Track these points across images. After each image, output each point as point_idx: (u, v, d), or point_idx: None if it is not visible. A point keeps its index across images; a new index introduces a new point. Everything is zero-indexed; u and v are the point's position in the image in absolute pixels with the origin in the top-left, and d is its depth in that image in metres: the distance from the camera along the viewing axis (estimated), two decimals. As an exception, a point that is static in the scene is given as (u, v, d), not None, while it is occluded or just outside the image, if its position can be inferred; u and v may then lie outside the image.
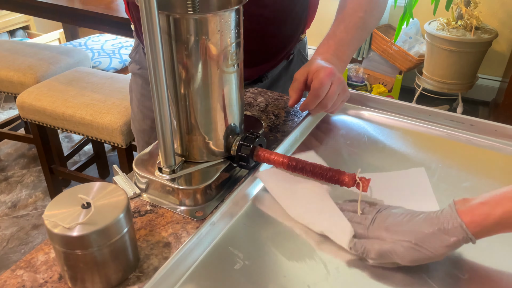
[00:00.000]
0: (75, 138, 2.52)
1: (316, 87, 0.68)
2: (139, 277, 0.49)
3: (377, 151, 0.71)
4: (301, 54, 1.00)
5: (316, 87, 0.68)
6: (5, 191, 2.13)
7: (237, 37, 0.56)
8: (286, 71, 0.98)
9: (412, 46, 2.72)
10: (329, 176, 0.58)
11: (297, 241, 0.54)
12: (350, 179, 0.56)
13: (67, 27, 2.80)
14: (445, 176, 0.65)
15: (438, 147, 0.73)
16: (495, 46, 2.65)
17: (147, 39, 0.49)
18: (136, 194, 0.61)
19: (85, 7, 1.78)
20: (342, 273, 0.50)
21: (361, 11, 0.78)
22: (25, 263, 0.51)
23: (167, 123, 0.55)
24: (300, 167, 0.59)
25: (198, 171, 0.61)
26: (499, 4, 2.60)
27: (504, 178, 0.66)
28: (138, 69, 0.98)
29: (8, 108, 2.82)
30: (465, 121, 0.75)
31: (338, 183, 0.57)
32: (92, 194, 0.47)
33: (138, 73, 0.98)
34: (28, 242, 1.84)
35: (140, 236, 0.55)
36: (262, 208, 0.60)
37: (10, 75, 1.91)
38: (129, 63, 1.03)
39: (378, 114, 0.81)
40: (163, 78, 0.52)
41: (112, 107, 1.61)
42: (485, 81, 2.81)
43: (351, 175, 0.57)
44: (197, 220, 0.57)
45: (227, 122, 0.61)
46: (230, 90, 0.59)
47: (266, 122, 0.79)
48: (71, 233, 0.43)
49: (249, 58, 0.67)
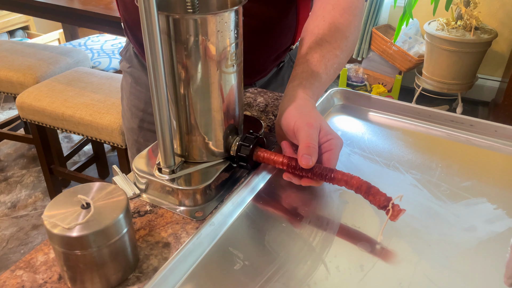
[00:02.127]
0: (74, 138, 2.52)
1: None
2: (139, 278, 0.49)
3: (377, 151, 0.71)
4: (292, 61, 0.98)
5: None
6: (4, 191, 2.13)
7: (236, 38, 0.56)
8: (276, 77, 0.97)
9: (412, 46, 2.72)
10: (362, 188, 0.54)
11: (297, 241, 0.54)
12: (382, 201, 0.53)
13: (66, 27, 2.80)
14: (445, 176, 0.65)
15: (437, 147, 0.73)
16: (494, 46, 2.66)
17: (147, 39, 0.49)
18: (135, 195, 0.61)
19: (84, 7, 1.78)
20: (342, 273, 0.50)
21: (338, 48, 0.70)
22: (24, 264, 0.51)
23: (167, 123, 0.55)
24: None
25: (198, 172, 0.61)
26: (498, 4, 2.60)
27: (504, 178, 0.66)
28: (128, 68, 0.97)
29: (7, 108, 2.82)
30: (465, 121, 0.75)
31: (367, 198, 0.55)
32: (92, 194, 0.47)
33: (128, 72, 0.97)
34: (27, 243, 1.84)
35: (140, 236, 0.55)
36: (262, 208, 0.60)
37: (10, 75, 1.91)
38: (120, 60, 1.03)
39: (377, 114, 0.81)
40: (163, 78, 0.52)
41: (112, 107, 1.61)
42: (484, 81, 2.81)
43: (387, 198, 0.53)
44: (196, 221, 0.57)
45: (226, 122, 0.61)
46: (229, 90, 0.59)
47: (266, 122, 0.79)
48: (71, 233, 0.43)
49: None
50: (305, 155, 0.55)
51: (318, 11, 0.73)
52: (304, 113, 0.59)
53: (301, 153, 0.55)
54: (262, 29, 0.82)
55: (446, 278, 0.49)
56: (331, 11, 0.71)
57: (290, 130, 0.59)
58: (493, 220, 0.57)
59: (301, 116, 0.59)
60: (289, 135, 0.60)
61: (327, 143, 0.58)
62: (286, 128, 0.60)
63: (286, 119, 0.60)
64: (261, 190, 0.63)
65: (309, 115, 0.59)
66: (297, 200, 0.61)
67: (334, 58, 0.68)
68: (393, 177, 0.65)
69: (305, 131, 0.57)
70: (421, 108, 0.79)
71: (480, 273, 0.50)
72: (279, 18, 0.83)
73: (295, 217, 0.58)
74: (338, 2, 0.72)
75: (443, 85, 2.58)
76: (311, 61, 0.67)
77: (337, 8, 0.71)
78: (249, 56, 0.71)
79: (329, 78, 0.68)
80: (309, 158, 0.55)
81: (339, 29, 0.70)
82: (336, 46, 0.69)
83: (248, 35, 0.65)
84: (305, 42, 0.70)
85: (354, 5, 0.73)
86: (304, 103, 0.62)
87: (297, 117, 0.59)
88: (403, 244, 0.53)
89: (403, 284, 0.48)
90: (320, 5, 0.73)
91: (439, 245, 0.53)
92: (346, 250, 0.52)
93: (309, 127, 0.57)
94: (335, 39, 0.69)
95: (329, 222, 0.57)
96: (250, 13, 0.74)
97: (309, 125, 0.57)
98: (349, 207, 0.59)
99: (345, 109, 0.83)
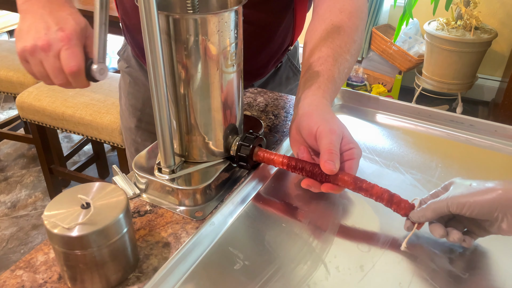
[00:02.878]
0: (74, 138, 2.52)
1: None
2: (139, 277, 0.49)
3: (377, 151, 0.71)
4: (290, 61, 0.98)
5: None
6: (4, 191, 2.13)
7: (236, 38, 0.56)
8: (274, 77, 0.96)
9: (412, 46, 2.72)
10: (384, 197, 0.54)
11: (297, 241, 0.54)
12: (408, 209, 0.53)
13: (66, 27, 2.79)
14: (445, 176, 0.65)
15: (437, 147, 0.73)
16: (494, 46, 2.66)
17: (147, 39, 0.49)
18: (135, 194, 0.61)
19: (84, 7, 1.78)
20: (342, 273, 0.50)
21: (348, 52, 0.68)
22: (24, 263, 0.51)
23: (167, 123, 0.55)
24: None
25: (198, 171, 0.61)
26: (498, 4, 2.60)
27: (504, 178, 0.66)
28: (126, 68, 0.97)
29: (7, 108, 2.82)
30: (465, 121, 0.75)
31: (390, 207, 0.54)
32: (92, 194, 0.47)
33: (126, 71, 0.97)
34: (27, 242, 1.84)
35: (140, 236, 0.55)
36: (262, 208, 0.60)
37: (10, 75, 1.91)
38: (118, 60, 1.02)
39: (377, 114, 0.81)
40: (163, 78, 0.52)
41: (112, 107, 1.61)
42: (484, 81, 2.81)
43: (411, 205, 0.53)
44: (196, 220, 0.57)
45: (226, 122, 0.61)
46: (229, 90, 0.59)
47: (265, 122, 0.79)
48: (71, 233, 0.43)
49: None
50: (329, 160, 0.54)
51: (324, 14, 0.72)
52: (327, 119, 0.58)
53: (324, 158, 0.55)
54: (259, 35, 0.82)
55: (446, 278, 0.49)
56: (339, 14, 0.70)
57: (311, 135, 0.58)
58: (493, 220, 0.57)
59: (324, 122, 0.57)
60: (309, 140, 0.59)
61: (349, 151, 0.58)
62: (307, 132, 0.58)
63: (309, 124, 0.58)
64: (261, 190, 0.63)
65: (332, 121, 0.58)
66: (297, 200, 0.61)
67: (345, 62, 0.67)
68: (393, 177, 0.65)
69: (328, 138, 0.56)
70: (421, 108, 0.79)
71: (480, 273, 0.50)
72: (276, 23, 0.82)
73: (295, 217, 0.58)
74: (345, 6, 0.71)
75: (443, 85, 2.58)
76: (325, 65, 0.65)
77: (345, 11, 0.71)
78: (248, 60, 0.70)
79: (341, 82, 0.67)
80: (332, 164, 0.54)
81: (347, 33, 0.69)
82: (346, 50, 0.68)
83: (246, 40, 0.64)
84: (315, 45, 0.69)
85: (360, 9, 0.72)
86: (326, 109, 0.61)
87: (319, 122, 0.57)
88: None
89: (403, 284, 0.48)
90: (326, 7, 0.72)
91: (439, 245, 0.53)
92: (346, 251, 0.52)
93: (332, 133, 0.56)
94: (345, 43, 0.68)
95: (329, 223, 0.57)
96: (247, 19, 0.73)
97: (332, 131, 0.56)
98: (349, 208, 0.59)
99: (345, 109, 0.83)
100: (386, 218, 0.57)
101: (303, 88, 0.64)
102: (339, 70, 0.66)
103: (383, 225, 0.56)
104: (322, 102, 0.61)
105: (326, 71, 0.65)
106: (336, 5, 0.72)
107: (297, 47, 0.99)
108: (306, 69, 0.67)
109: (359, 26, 0.71)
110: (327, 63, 0.65)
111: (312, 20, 0.74)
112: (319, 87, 0.63)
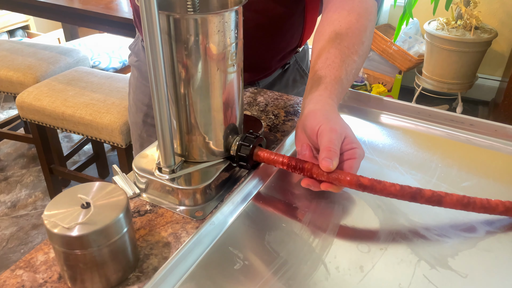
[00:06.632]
0: (74, 138, 2.52)
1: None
2: (139, 277, 0.49)
3: (376, 151, 0.71)
4: (298, 64, 0.98)
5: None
6: (4, 191, 2.13)
7: (236, 37, 0.56)
8: (280, 79, 0.96)
9: (412, 46, 2.72)
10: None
11: (297, 241, 0.54)
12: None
13: (66, 27, 2.80)
14: (445, 176, 0.65)
15: (437, 147, 0.73)
16: (494, 46, 2.66)
17: (147, 39, 0.49)
18: (135, 194, 0.61)
19: (84, 6, 1.78)
20: (342, 273, 0.50)
21: (356, 53, 0.69)
22: (24, 263, 0.51)
23: (167, 123, 0.55)
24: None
25: (198, 171, 0.61)
26: (498, 4, 2.60)
27: (504, 178, 0.66)
28: (136, 61, 0.98)
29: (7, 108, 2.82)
30: (465, 121, 0.75)
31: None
32: (92, 194, 0.47)
33: (136, 66, 0.97)
34: (27, 242, 1.84)
35: (140, 236, 0.55)
36: (262, 208, 0.60)
37: (10, 75, 1.91)
38: (129, 55, 1.03)
39: (377, 114, 0.81)
40: (163, 78, 0.52)
41: (112, 107, 1.61)
42: (484, 80, 2.81)
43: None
44: (196, 220, 0.57)
45: (226, 122, 0.61)
46: (229, 90, 0.59)
47: (266, 122, 0.79)
48: (71, 233, 0.43)
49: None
50: (326, 158, 0.55)
51: (333, 15, 0.72)
52: (329, 118, 0.59)
53: (322, 156, 0.55)
54: (268, 25, 0.82)
55: (446, 278, 0.49)
56: (347, 16, 0.71)
57: (314, 133, 0.58)
58: (492, 220, 0.57)
59: (326, 121, 0.58)
60: (312, 139, 0.59)
61: (350, 151, 0.58)
62: (310, 131, 0.59)
63: (312, 123, 0.59)
64: (261, 190, 0.63)
65: (334, 120, 0.59)
66: (297, 200, 0.61)
67: (353, 63, 0.68)
68: (393, 178, 0.65)
69: (328, 136, 0.56)
70: (421, 107, 0.79)
71: (479, 273, 0.50)
72: (286, 16, 0.83)
73: (295, 217, 0.58)
74: (353, 8, 0.71)
75: (443, 84, 2.58)
76: (333, 66, 0.66)
77: (353, 13, 0.71)
78: (254, 51, 0.70)
79: (348, 83, 0.68)
80: (330, 162, 0.54)
81: (356, 34, 0.69)
82: (354, 52, 0.68)
83: (254, 30, 0.64)
84: (323, 46, 0.69)
85: (368, 11, 0.72)
86: (331, 109, 0.61)
87: (322, 121, 0.58)
88: (403, 245, 0.53)
89: (403, 285, 0.48)
90: (334, 9, 0.73)
91: (439, 246, 0.53)
92: (346, 251, 0.52)
93: (332, 132, 0.57)
94: (353, 44, 0.69)
95: (329, 223, 0.57)
96: (257, 8, 0.74)
97: (332, 130, 0.57)
98: (349, 208, 0.60)
99: (345, 109, 0.83)
100: (386, 219, 0.57)
101: (310, 89, 0.65)
102: (346, 71, 0.66)
103: (383, 225, 0.56)
104: (328, 103, 0.62)
105: (333, 72, 0.65)
106: (345, 6, 0.72)
107: (306, 51, 0.98)
108: (313, 70, 0.68)
109: (367, 28, 0.71)
110: (335, 64, 0.66)
111: (321, 21, 0.74)
112: (325, 88, 0.64)
